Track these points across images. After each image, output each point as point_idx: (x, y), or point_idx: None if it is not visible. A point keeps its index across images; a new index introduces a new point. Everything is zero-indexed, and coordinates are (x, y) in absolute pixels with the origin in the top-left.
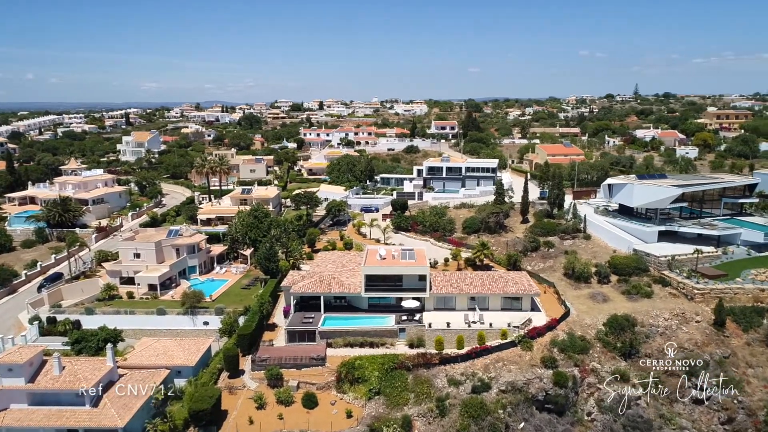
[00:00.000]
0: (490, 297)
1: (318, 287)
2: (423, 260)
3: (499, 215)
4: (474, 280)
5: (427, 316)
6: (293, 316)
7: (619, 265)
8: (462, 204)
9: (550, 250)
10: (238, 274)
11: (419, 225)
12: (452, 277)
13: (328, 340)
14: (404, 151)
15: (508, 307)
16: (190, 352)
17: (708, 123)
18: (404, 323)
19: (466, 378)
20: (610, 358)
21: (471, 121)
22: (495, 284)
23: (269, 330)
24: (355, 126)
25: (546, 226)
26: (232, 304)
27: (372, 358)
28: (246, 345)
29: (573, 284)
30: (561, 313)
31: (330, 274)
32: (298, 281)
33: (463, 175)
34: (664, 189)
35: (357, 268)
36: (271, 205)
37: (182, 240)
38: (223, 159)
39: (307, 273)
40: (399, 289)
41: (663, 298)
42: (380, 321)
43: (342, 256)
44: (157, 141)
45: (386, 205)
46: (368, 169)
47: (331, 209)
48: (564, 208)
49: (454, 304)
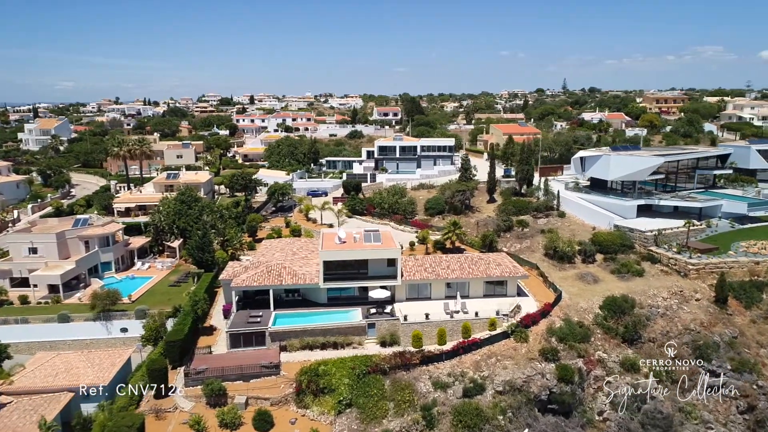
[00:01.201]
0: (471, 282)
1: (265, 279)
2: (391, 242)
3: (466, 194)
4: (451, 263)
5: (400, 307)
6: (235, 316)
7: (603, 243)
8: (420, 185)
9: (525, 229)
10: (165, 269)
11: (376, 208)
12: (425, 261)
13: (282, 343)
14: (347, 136)
15: (491, 293)
16: (101, 368)
17: (648, 107)
18: (373, 317)
19: (454, 379)
20: (614, 346)
21: (415, 106)
22: (476, 267)
23: (206, 334)
24: (292, 111)
25: (517, 205)
26: (158, 305)
27: (339, 362)
28: (177, 354)
29: (556, 265)
30: (550, 298)
31: (279, 264)
32: (240, 273)
33: (418, 154)
34: (645, 159)
35: (311, 255)
36: (202, 191)
37: (93, 230)
38: (143, 140)
39: (250, 263)
40: (364, 278)
41: (655, 276)
42: (344, 316)
43: (291, 243)
44: (66, 128)
45: (336, 189)
46: (312, 152)
47: (273, 193)
48: (533, 186)
49: (430, 292)
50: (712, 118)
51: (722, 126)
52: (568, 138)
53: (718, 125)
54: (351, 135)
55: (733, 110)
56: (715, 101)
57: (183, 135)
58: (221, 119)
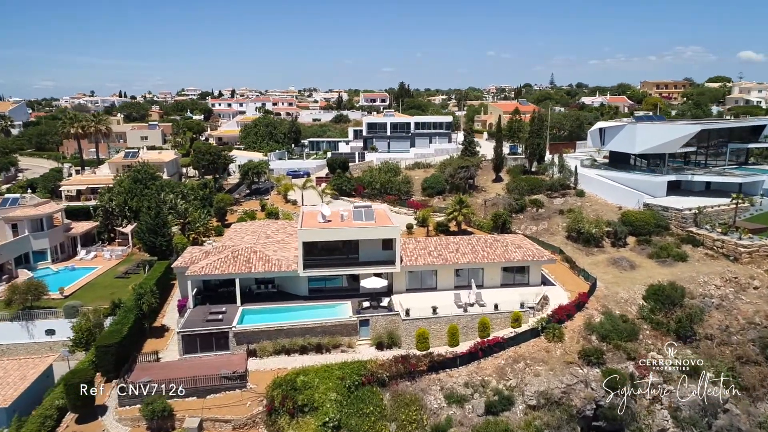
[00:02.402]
0: (486, 268)
1: (230, 266)
2: (386, 220)
3: (470, 170)
4: (461, 245)
5: (399, 300)
6: (191, 313)
7: (635, 223)
8: (415, 164)
9: (540, 210)
10: (115, 259)
11: (366, 188)
12: (429, 243)
13: (250, 346)
14: (333, 121)
15: (510, 282)
16: (5, 383)
17: (648, 92)
18: (367, 312)
19: (473, 391)
20: (668, 345)
21: (404, 91)
22: (491, 250)
23: (156, 336)
24: (273, 96)
25: (530, 183)
26: (97, 301)
27: (324, 371)
28: (111, 363)
29: (582, 249)
30: (582, 287)
31: (249, 248)
32: (200, 260)
33: (412, 132)
34: (679, 126)
35: (289, 239)
36: (165, 171)
37: (22, 212)
38: (99, 117)
39: (213, 248)
40: (354, 264)
41: (700, 260)
42: (330, 311)
43: (266, 225)
44: (23, 112)
45: (320, 169)
46: (293, 131)
47: (246, 173)
48: (545, 162)
49: (436, 281)
50: (716, 102)
51: (729, 110)
52: (578, 114)
53: (725, 109)
54: (336, 119)
55: (740, 94)
56: (717, 86)
57: (153, 120)
58: (195, 104)
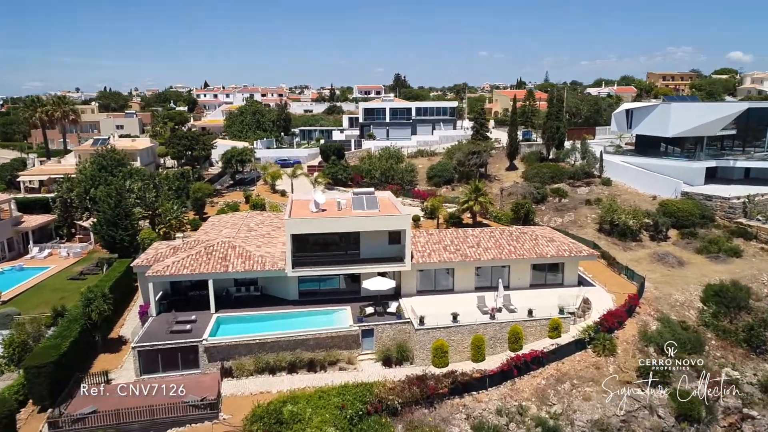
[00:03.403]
0: (513, 266)
1: (203, 265)
2: (393, 209)
3: (482, 156)
4: (482, 239)
5: (411, 304)
6: (154, 322)
7: (676, 214)
8: (418, 152)
9: (564, 200)
10: (72, 257)
11: (365, 177)
12: (444, 237)
13: (226, 363)
14: (325, 112)
15: (541, 282)
16: None
17: (654, 83)
18: (370, 320)
19: (508, 419)
20: (741, 357)
21: (400, 82)
22: (519, 244)
23: (112, 350)
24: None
25: (550, 170)
26: (42, 307)
27: (319, 397)
28: (45, 388)
29: (619, 243)
30: (626, 287)
31: (227, 242)
32: (166, 257)
33: (413, 118)
34: (722, 106)
35: (276, 233)
36: (139, 160)
37: None
38: (64, 99)
39: (184, 243)
40: (354, 261)
41: (756, 256)
42: (325, 319)
43: (248, 217)
44: None
45: (312, 158)
46: (282, 119)
47: (230, 161)
48: (564, 148)
49: (452, 282)
50: (727, 92)
51: (741, 101)
52: (595, 98)
53: (737, 100)
54: (329, 110)
55: (752, 84)
56: (726, 78)
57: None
58: (180, 96)
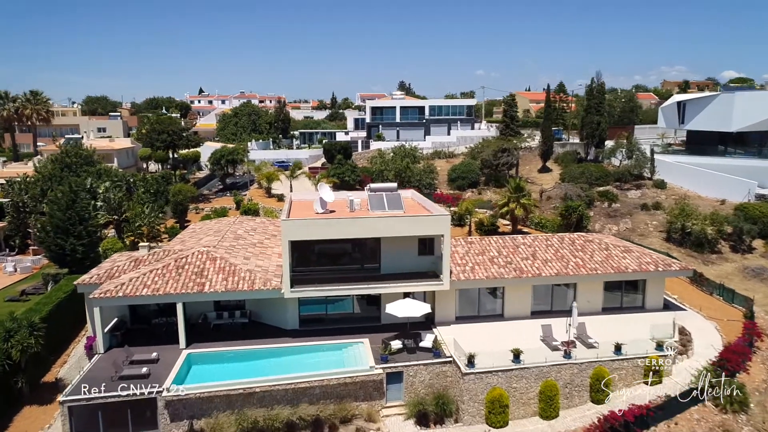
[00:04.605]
0: (580, 284)
1: (170, 282)
2: (421, 209)
3: (513, 154)
4: (536, 247)
5: (448, 335)
6: (101, 361)
7: (762, 220)
8: (434, 153)
9: (614, 205)
10: (21, 273)
11: (375, 180)
12: (488, 245)
13: (196, 423)
14: (327, 118)
15: (616, 305)
16: None
17: (671, 91)
18: (398, 359)
19: None
20: None
21: (405, 89)
22: (587, 256)
23: (40, 401)
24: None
25: (596, 171)
26: None
27: None
28: None
29: (695, 255)
30: (726, 311)
31: (204, 252)
32: (124, 272)
33: (426, 117)
34: None
35: (269, 242)
36: (116, 161)
37: None
38: (37, 94)
39: (150, 254)
40: (373, 278)
41: None
42: (334, 357)
43: (236, 223)
44: None
45: (314, 160)
46: (280, 120)
47: (219, 162)
48: (605, 147)
49: (501, 305)
50: None
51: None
52: (631, 93)
53: None
54: (331, 117)
55: None
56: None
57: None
58: (172, 102)
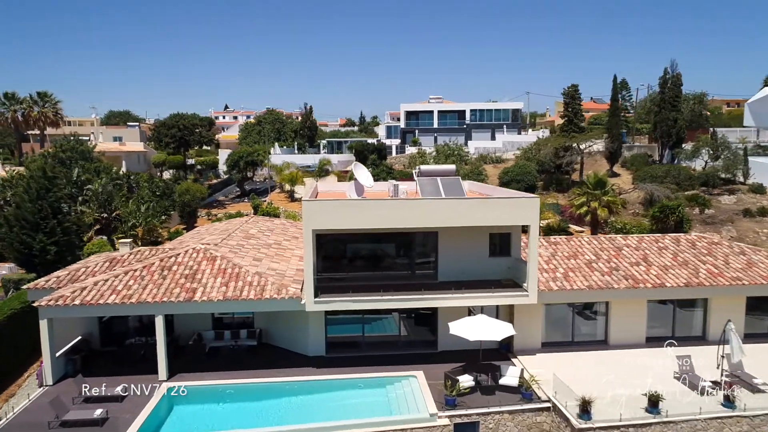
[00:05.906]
0: (713, 300)
1: (148, 288)
2: (490, 190)
3: (578, 153)
4: (646, 250)
5: (536, 366)
6: (44, 396)
7: None
8: (480, 158)
9: (707, 211)
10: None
11: None
12: (580, 245)
13: None
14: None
15: (762, 331)
16: None
17: (719, 108)
18: (469, 401)
19: None
20: None
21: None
22: (719, 261)
23: None
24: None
25: (683, 171)
26: None
27: None
28: None
29: None
30: None
31: (200, 251)
32: (91, 274)
33: (467, 122)
34: None
35: (288, 244)
36: (124, 165)
37: None
38: (45, 95)
39: (132, 253)
40: (428, 287)
41: None
42: (375, 397)
43: (249, 222)
44: None
45: (343, 166)
46: (307, 127)
47: (236, 164)
48: (684, 148)
49: (605, 326)
50: None
51: None
52: (700, 96)
53: None
54: (361, 131)
55: None
56: None
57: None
58: (196, 117)
